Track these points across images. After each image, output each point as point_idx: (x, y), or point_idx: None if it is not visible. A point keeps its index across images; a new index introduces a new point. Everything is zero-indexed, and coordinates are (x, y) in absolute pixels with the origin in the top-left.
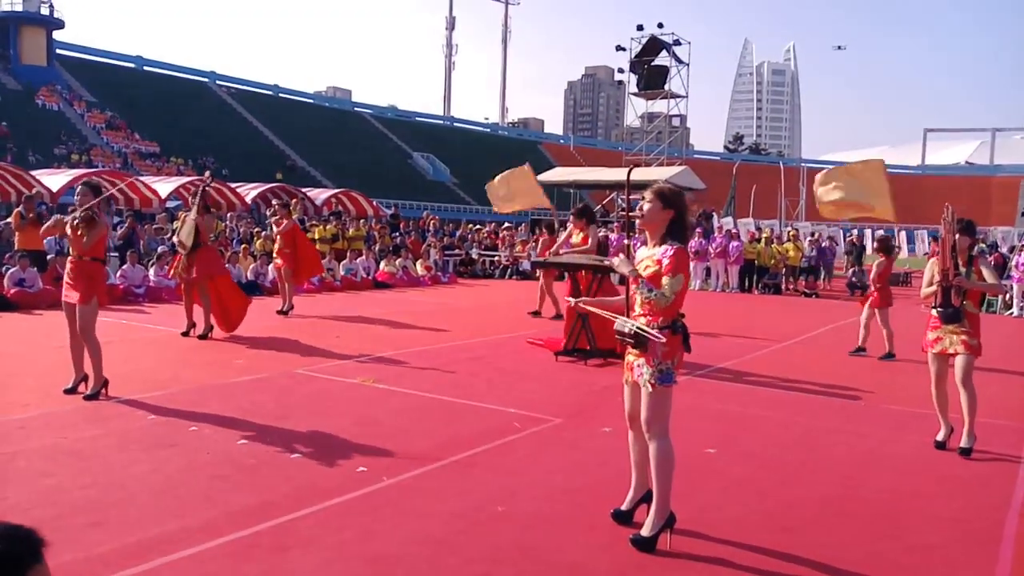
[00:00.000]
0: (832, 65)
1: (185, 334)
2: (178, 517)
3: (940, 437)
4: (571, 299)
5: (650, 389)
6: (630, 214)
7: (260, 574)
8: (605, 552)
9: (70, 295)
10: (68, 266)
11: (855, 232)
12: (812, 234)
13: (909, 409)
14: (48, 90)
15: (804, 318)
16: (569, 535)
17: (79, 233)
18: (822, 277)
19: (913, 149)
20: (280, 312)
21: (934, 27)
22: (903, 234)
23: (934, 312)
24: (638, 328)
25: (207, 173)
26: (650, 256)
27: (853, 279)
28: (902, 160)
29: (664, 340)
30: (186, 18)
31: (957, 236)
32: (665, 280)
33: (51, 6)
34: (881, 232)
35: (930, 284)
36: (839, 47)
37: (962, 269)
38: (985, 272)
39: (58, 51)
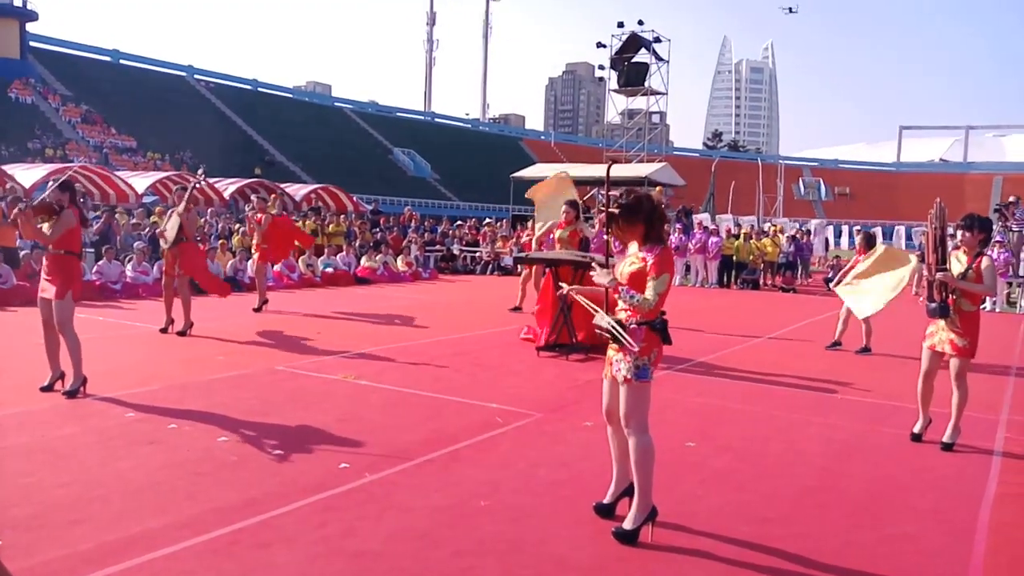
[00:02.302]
0: (810, 63)
1: (163, 330)
2: (160, 514)
3: (917, 429)
4: (564, 285)
5: (627, 384)
6: (610, 209)
7: (242, 571)
8: (588, 545)
9: (46, 290)
10: (44, 261)
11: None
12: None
13: (885, 402)
14: (21, 83)
15: (782, 313)
16: (552, 528)
17: (39, 224)
18: (799, 272)
19: (889, 146)
20: (254, 309)
21: (911, 26)
22: (879, 230)
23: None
24: (613, 326)
25: (200, 171)
26: (635, 253)
27: (830, 274)
28: (878, 157)
29: (636, 348)
30: (163, 10)
31: (961, 232)
32: (650, 282)
33: None
34: (859, 227)
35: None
36: (789, 10)
37: (965, 265)
38: (984, 268)
39: (32, 44)
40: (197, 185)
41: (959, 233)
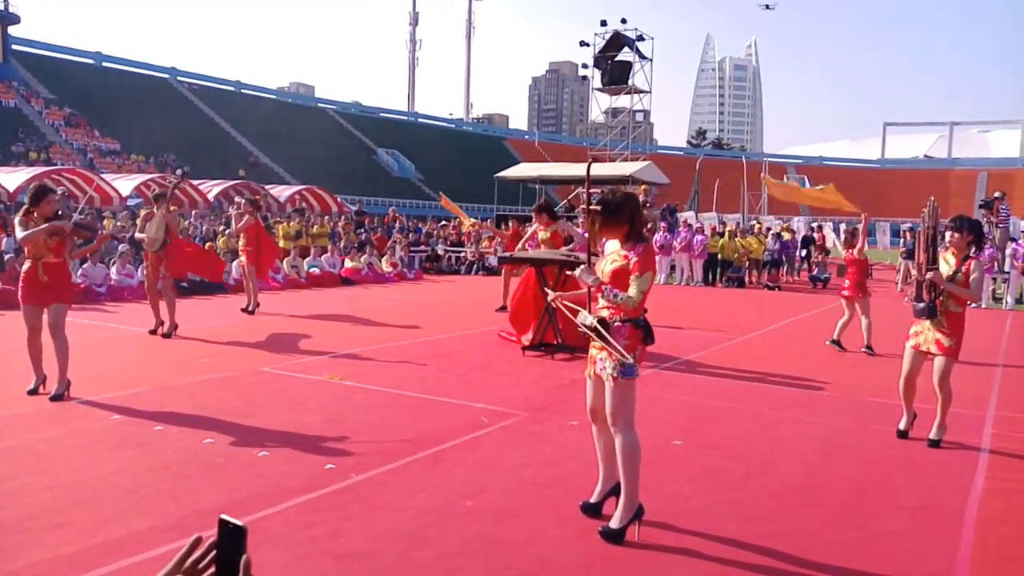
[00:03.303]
0: (793, 60)
1: (153, 331)
2: (145, 517)
3: (902, 426)
4: (549, 290)
5: (612, 382)
6: (591, 207)
7: None
8: (575, 544)
9: (43, 296)
10: (39, 268)
11: (814, 225)
12: (770, 228)
13: (871, 399)
14: (4, 87)
15: (767, 311)
16: (539, 528)
17: (64, 242)
18: (784, 270)
19: (873, 143)
20: (245, 310)
21: (895, 22)
22: (861, 227)
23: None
24: (596, 327)
25: (179, 172)
26: (616, 251)
27: (815, 272)
28: (862, 154)
29: (630, 360)
30: (145, 12)
31: (951, 233)
32: (633, 280)
33: (6, 1)
34: (844, 225)
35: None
36: (767, 6)
37: (953, 267)
38: (972, 276)
39: (14, 47)
40: (178, 186)
41: (948, 234)
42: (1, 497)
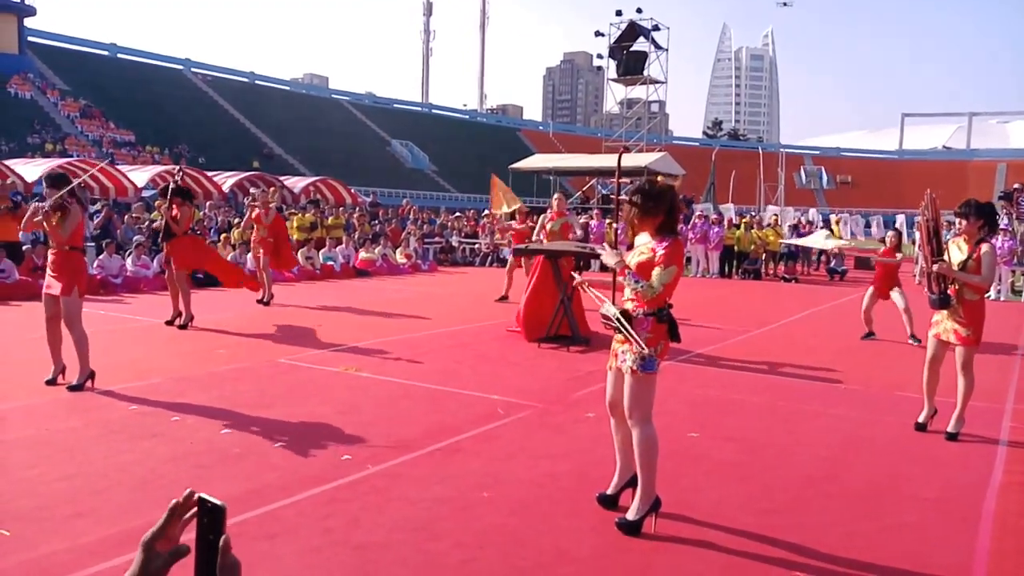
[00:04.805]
0: (810, 50)
1: (169, 323)
2: (162, 507)
3: (921, 419)
4: (575, 274)
5: (631, 376)
6: (620, 198)
7: (246, 563)
8: (591, 536)
9: (52, 286)
10: (50, 257)
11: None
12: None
13: (889, 392)
14: (20, 78)
15: (784, 303)
16: (555, 520)
17: (54, 224)
18: (801, 262)
19: (891, 134)
20: (260, 302)
21: (912, 11)
22: (879, 218)
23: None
24: (619, 318)
25: (177, 168)
26: (647, 243)
27: (832, 264)
28: (880, 145)
29: (646, 351)
30: (160, 4)
31: (960, 220)
32: (656, 271)
33: None
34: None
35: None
36: (784, 3)
37: (966, 254)
38: (984, 253)
39: (30, 39)
40: (178, 180)
41: (957, 221)
42: (19, 486)
